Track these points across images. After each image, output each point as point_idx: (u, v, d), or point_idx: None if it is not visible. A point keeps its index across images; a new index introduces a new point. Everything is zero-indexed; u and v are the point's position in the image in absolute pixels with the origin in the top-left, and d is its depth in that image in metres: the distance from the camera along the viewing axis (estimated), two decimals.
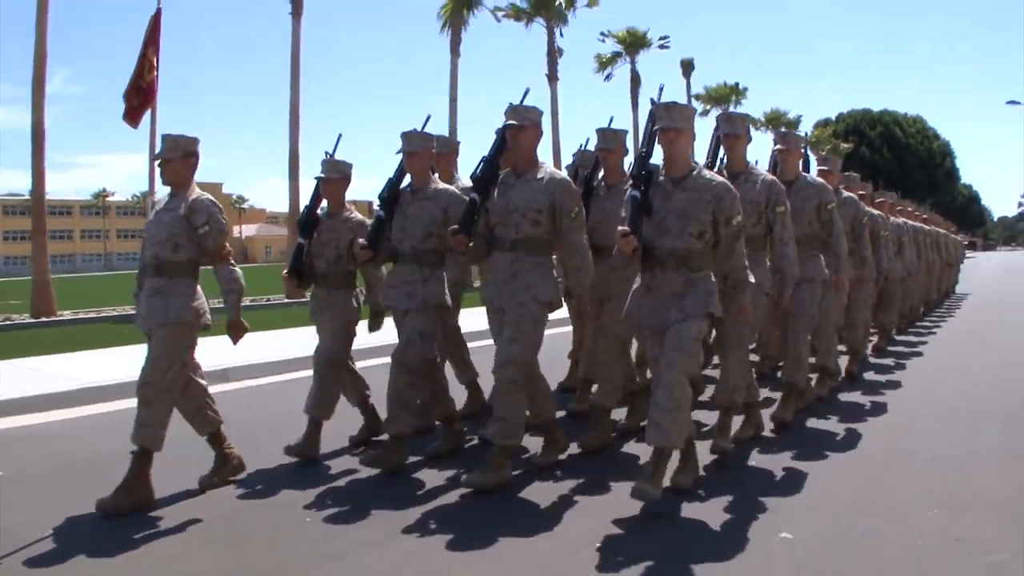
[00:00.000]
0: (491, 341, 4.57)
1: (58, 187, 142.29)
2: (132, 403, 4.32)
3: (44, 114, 15.21)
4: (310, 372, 5.12)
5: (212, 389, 4.61)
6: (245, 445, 4.75)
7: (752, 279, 4.24)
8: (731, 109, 41.09)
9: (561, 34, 30.05)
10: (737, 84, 46.39)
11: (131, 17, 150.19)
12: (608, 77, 37.68)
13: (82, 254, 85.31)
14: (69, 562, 3.46)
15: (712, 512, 3.85)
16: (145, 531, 3.80)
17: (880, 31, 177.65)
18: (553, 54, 29.88)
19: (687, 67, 43.33)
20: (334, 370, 5.03)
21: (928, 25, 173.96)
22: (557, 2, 29.20)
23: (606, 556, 3.35)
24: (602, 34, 37.11)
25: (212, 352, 5.58)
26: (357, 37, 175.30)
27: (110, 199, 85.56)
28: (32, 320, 14.84)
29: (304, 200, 5.46)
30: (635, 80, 37.03)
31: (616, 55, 37.34)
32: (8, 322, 14.67)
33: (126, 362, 7.49)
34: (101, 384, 7.18)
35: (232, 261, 4.40)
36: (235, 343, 4.43)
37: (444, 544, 3.52)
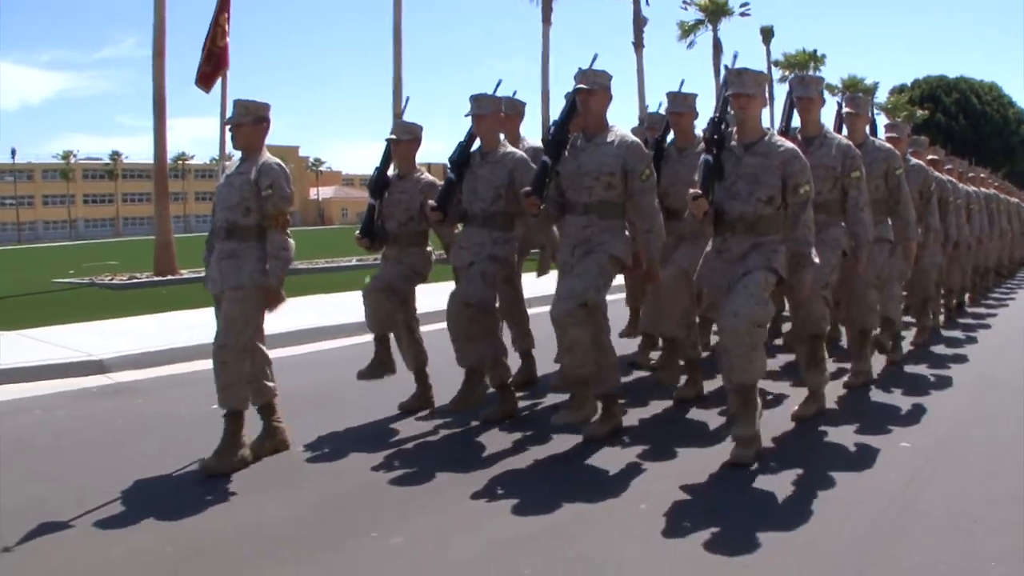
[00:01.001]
0: (549, 307, 4.53)
1: (130, 150, 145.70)
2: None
3: (165, 80, 15.24)
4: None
5: (290, 351, 4.67)
6: (313, 408, 4.82)
7: (817, 259, 4.17)
8: (805, 74, 40.10)
9: (647, 2, 31.54)
10: (815, 51, 46.13)
11: None
12: (691, 44, 38.38)
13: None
14: (141, 523, 3.53)
15: (781, 484, 3.82)
16: (215, 490, 3.90)
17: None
18: (639, 22, 30.88)
19: (767, 34, 43.50)
20: (390, 299, 5.02)
21: None
22: None
23: (672, 521, 3.36)
24: (685, 2, 37.72)
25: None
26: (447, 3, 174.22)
27: (189, 163, 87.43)
28: (159, 278, 15.32)
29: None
30: (717, 47, 37.28)
31: (699, 22, 37.85)
32: (134, 280, 15.05)
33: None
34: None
35: (288, 231, 4.38)
36: (271, 311, 4.38)
37: (509, 509, 3.56)
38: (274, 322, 4.64)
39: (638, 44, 31.01)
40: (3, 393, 6.20)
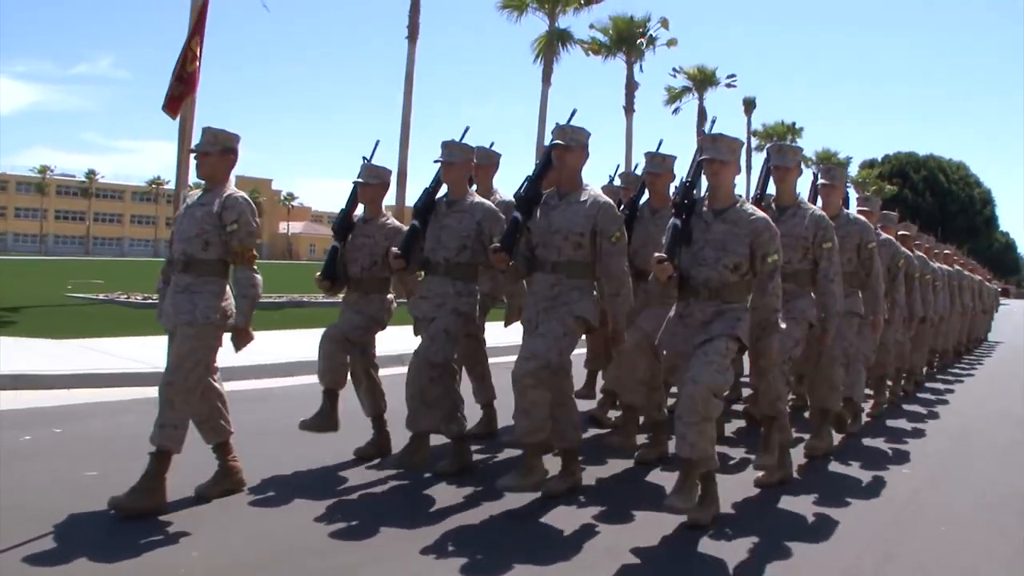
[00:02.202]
0: (512, 358, 4.50)
1: (95, 168, 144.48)
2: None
3: (194, 115, 15.01)
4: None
5: (241, 386, 4.57)
6: (266, 445, 4.71)
7: (784, 324, 4.16)
8: (783, 143, 41.38)
9: (641, 69, 31.91)
10: (794, 124, 47.59)
11: (179, 6, 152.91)
12: (676, 111, 39.13)
13: (130, 238, 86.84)
14: (72, 563, 3.36)
15: (734, 552, 3.76)
16: (152, 535, 3.70)
17: (930, 76, 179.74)
18: (631, 87, 31.62)
19: (749, 105, 44.70)
20: (341, 344, 4.93)
21: (979, 75, 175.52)
22: (639, 41, 31.10)
23: None
24: (674, 70, 38.65)
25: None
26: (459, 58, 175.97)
27: (164, 187, 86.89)
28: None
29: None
30: (702, 115, 38.15)
31: (685, 89, 38.76)
32: (149, 300, 14.74)
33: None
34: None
35: (255, 267, 4.25)
36: (237, 350, 4.25)
37: (458, 568, 3.46)
38: (233, 355, 4.51)
39: (629, 108, 31.63)
40: (79, 397, 6.90)
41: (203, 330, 4.12)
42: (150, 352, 8.15)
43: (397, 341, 5.28)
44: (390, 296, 5.21)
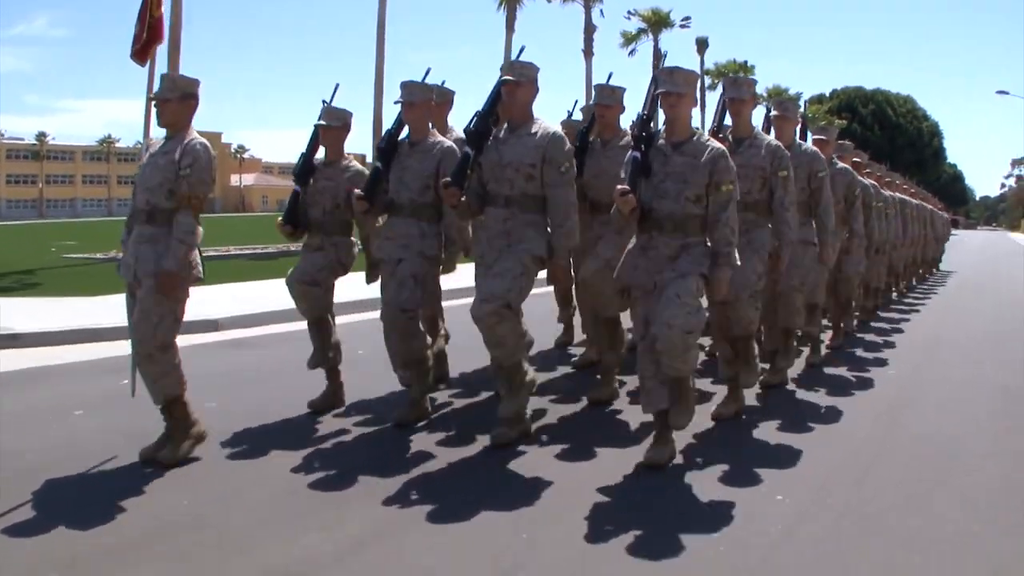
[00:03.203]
0: (469, 300, 4.43)
1: (39, 129, 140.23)
2: None
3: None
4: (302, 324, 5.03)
5: (203, 339, 4.40)
6: (235, 398, 4.67)
7: (738, 261, 4.04)
8: (738, 76, 42.07)
9: (602, 14, 33.07)
10: (745, 62, 47.83)
11: None
12: (632, 52, 39.53)
13: (83, 199, 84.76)
14: (52, 531, 3.26)
15: (705, 481, 3.77)
16: (130, 495, 3.61)
17: (878, 12, 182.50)
18: (589, 31, 32.45)
19: (702, 45, 45.10)
20: (317, 291, 4.89)
21: (927, 10, 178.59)
22: None
23: (594, 526, 3.26)
24: (629, 12, 39.10)
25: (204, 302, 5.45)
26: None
27: (116, 146, 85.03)
28: None
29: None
30: (657, 56, 38.32)
31: (641, 31, 39.20)
32: None
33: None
34: None
35: (198, 216, 4.07)
36: (161, 292, 3.96)
37: (424, 516, 3.39)
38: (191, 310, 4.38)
39: (587, 52, 32.21)
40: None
41: (167, 281, 3.97)
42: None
43: (357, 287, 5.13)
44: (353, 239, 5.08)
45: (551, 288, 7.03)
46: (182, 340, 4.25)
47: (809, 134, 6.86)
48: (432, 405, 4.98)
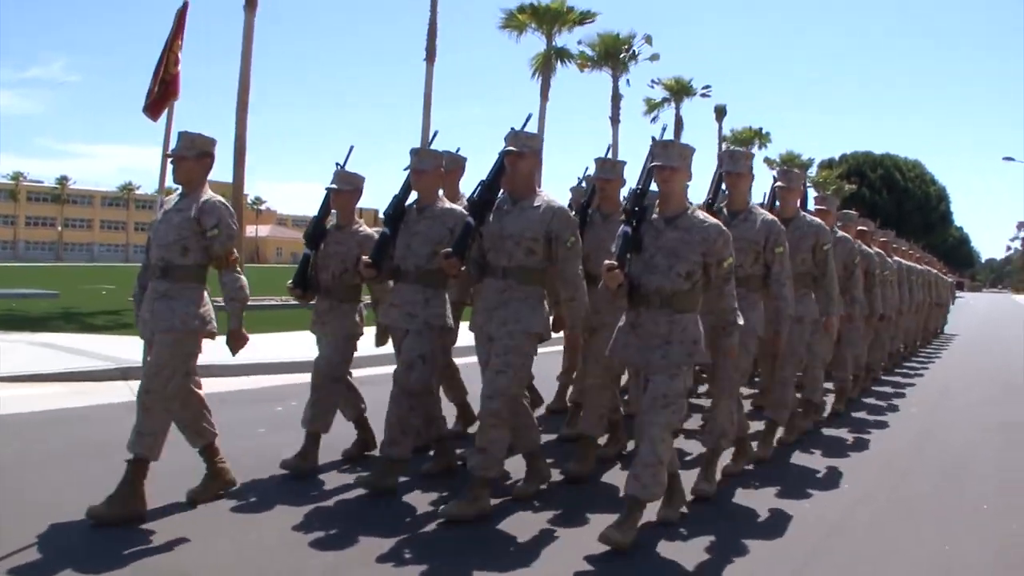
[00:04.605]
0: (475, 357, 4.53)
1: (46, 173, 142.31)
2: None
3: (246, 131, 18.37)
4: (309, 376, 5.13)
5: (210, 388, 4.48)
6: (243, 448, 4.74)
7: (741, 321, 4.16)
8: (736, 149, 42.95)
9: (628, 83, 33.65)
10: (760, 129, 48.95)
11: (134, 10, 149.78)
12: (655, 119, 40.22)
13: (99, 244, 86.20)
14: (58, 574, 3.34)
15: (691, 552, 3.81)
16: (133, 545, 3.68)
17: (889, 81, 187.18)
18: (616, 99, 33.28)
19: (720, 113, 45.93)
20: (332, 384, 5.01)
21: (935, 77, 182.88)
22: (623, 56, 32.71)
23: None
24: (652, 81, 39.95)
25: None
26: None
27: (135, 192, 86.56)
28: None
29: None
30: (679, 124, 39.72)
31: (664, 100, 40.16)
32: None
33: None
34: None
35: (239, 269, 4.26)
36: (234, 353, 4.27)
37: (418, 574, 3.46)
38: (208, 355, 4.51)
39: (614, 119, 33.16)
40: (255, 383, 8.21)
41: (182, 337, 4.11)
42: (282, 349, 9.84)
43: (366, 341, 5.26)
44: (360, 304, 5.17)
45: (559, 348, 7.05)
46: None
47: (810, 203, 7.01)
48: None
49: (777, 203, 5.79)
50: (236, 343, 4.23)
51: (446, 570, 3.51)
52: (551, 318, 4.54)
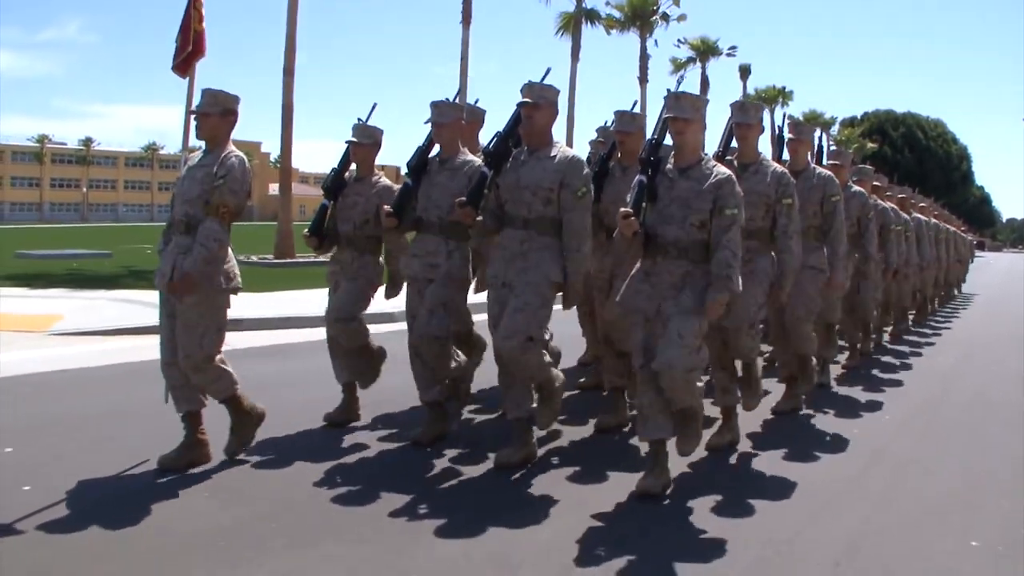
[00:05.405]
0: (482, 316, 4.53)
1: (66, 134, 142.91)
2: None
3: (293, 96, 19.57)
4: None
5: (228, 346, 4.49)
6: (275, 399, 4.80)
7: (738, 288, 3.99)
8: (746, 101, 42.70)
9: (656, 44, 34.95)
10: (784, 87, 49.30)
11: None
12: (681, 79, 41.00)
13: (124, 204, 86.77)
14: (84, 531, 3.42)
15: (699, 511, 3.80)
16: (157, 500, 3.76)
17: (912, 38, 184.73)
18: (644, 60, 34.10)
19: (744, 72, 46.82)
20: (346, 326, 4.98)
21: (959, 37, 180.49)
22: (652, 18, 33.72)
23: (587, 549, 3.32)
24: (679, 41, 40.53)
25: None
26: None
27: (159, 152, 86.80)
28: (279, 260, 18.85)
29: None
30: (704, 83, 40.35)
31: (690, 59, 40.66)
32: (266, 260, 18.60)
33: None
34: None
35: (226, 225, 4.17)
36: (170, 292, 4.14)
37: (432, 530, 3.49)
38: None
39: (643, 79, 33.71)
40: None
41: (208, 293, 4.13)
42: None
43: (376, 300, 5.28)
44: (380, 257, 5.17)
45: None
46: None
47: (825, 156, 6.92)
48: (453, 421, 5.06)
49: (786, 155, 5.70)
50: (179, 286, 4.07)
51: (461, 525, 3.53)
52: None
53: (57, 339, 8.25)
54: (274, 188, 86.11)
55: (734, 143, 5.03)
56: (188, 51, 5.09)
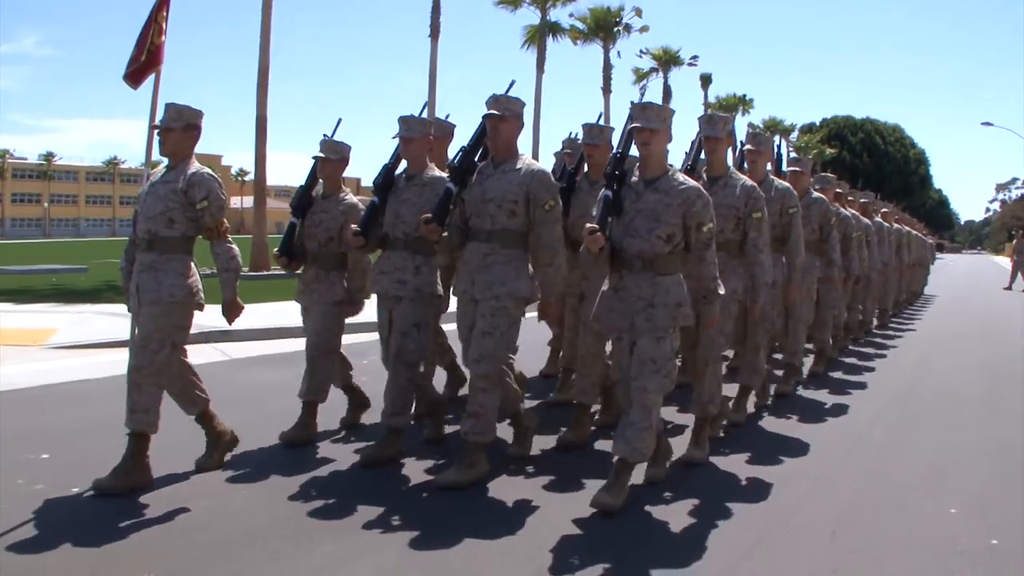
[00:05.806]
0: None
1: (25, 148, 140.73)
2: None
3: (267, 109, 19.80)
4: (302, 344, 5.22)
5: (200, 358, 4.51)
6: (235, 418, 4.73)
7: (722, 290, 4.12)
8: (715, 113, 43.30)
9: (619, 55, 35.03)
10: (744, 95, 49.43)
11: None
12: (643, 89, 41.65)
13: (85, 219, 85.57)
14: (56, 549, 3.37)
15: (676, 516, 3.84)
16: (132, 517, 3.72)
17: (871, 45, 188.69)
18: (607, 70, 34.48)
19: (705, 81, 47.01)
20: (327, 355, 5.03)
21: (917, 43, 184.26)
22: (615, 29, 34.17)
23: (562, 557, 3.34)
24: (641, 51, 40.63)
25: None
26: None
27: (121, 167, 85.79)
28: (255, 273, 18.76)
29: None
30: (666, 93, 40.66)
31: (652, 69, 40.91)
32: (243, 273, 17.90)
33: None
34: None
35: (230, 239, 4.27)
36: (230, 323, 4.33)
37: (406, 542, 3.49)
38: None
39: (606, 89, 34.18)
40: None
41: (169, 308, 4.10)
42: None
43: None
44: (345, 273, 5.15)
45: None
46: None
47: (784, 165, 7.01)
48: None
49: (746, 165, 5.75)
50: (231, 312, 4.26)
51: (436, 536, 3.54)
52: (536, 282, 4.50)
53: (56, 352, 8.31)
54: (235, 201, 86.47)
55: (703, 156, 5.07)
56: (141, 62, 5.05)
